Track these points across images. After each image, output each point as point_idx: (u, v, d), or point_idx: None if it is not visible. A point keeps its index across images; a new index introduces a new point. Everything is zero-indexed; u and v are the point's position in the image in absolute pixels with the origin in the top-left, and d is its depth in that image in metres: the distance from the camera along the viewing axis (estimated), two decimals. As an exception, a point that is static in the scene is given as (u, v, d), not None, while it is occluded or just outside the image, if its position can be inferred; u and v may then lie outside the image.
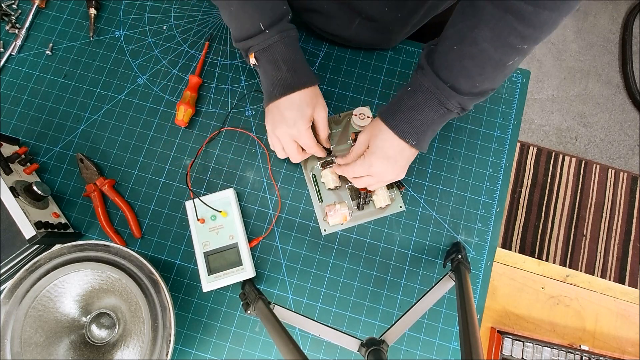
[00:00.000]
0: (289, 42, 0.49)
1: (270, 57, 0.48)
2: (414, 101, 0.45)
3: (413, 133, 0.46)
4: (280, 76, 0.49)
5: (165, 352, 0.44)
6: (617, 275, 1.37)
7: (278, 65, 0.48)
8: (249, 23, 0.47)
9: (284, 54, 0.48)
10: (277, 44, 0.48)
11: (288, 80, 0.49)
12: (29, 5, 0.63)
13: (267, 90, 0.50)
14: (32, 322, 0.44)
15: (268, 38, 0.47)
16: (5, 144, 0.54)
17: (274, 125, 0.51)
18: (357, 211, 0.56)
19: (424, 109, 0.45)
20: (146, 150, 0.58)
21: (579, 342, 0.60)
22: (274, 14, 0.47)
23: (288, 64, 0.49)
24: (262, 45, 0.48)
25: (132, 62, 0.62)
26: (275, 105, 0.50)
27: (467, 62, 0.41)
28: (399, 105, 0.46)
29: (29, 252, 0.49)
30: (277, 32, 0.47)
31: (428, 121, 0.45)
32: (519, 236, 1.39)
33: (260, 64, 0.49)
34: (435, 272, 0.55)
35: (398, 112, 0.46)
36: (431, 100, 0.44)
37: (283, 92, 0.48)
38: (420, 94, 0.45)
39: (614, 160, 1.48)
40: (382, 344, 0.39)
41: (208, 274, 0.51)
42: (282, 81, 0.49)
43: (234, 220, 0.54)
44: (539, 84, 1.56)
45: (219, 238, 0.53)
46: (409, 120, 0.45)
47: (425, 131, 0.46)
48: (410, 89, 0.46)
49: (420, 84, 0.45)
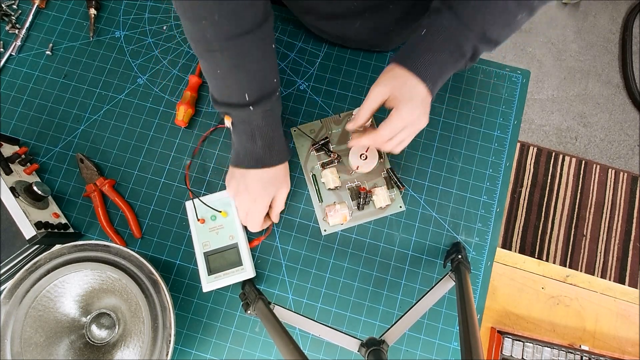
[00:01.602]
0: (271, 119, 0.47)
1: (248, 129, 0.47)
2: (432, 43, 0.43)
3: (430, 76, 0.44)
4: (254, 149, 0.48)
5: (165, 352, 0.44)
6: (617, 275, 1.37)
7: (254, 138, 0.47)
8: (234, 92, 0.45)
9: (263, 130, 0.47)
10: (258, 119, 0.46)
11: (261, 155, 0.48)
12: (29, 5, 0.63)
13: (237, 155, 0.50)
14: (32, 322, 0.44)
15: (251, 114, 0.46)
16: (6, 144, 0.54)
17: (236, 192, 0.51)
18: (357, 211, 0.56)
19: (441, 52, 0.43)
20: (146, 151, 0.58)
21: (579, 342, 0.60)
22: (263, 89, 0.45)
23: (265, 139, 0.48)
24: (243, 118, 0.46)
25: (132, 63, 0.62)
26: (244, 173, 0.49)
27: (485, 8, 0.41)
28: (416, 50, 0.44)
29: (29, 252, 0.49)
30: (262, 110, 0.46)
31: (443, 65, 0.44)
32: (519, 236, 1.39)
33: (236, 132, 0.48)
34: (435, 272, 0.55)
35: (416, 57, 0.43)
36: (449, 42, 0.43)
37: (253, 165, 0.48)
38: (438, 36, 0.43)
39: (614, 160, 1.48)
40: (382, 344, 0.39)
41: (208, 274, 0.51)
42: (254, 154, 0.48)
43: (234, 221, 0.54)
44: (539, 84, 1.56)
45: (219, 238, 0.53)
46: (427, 63, 0.43)
47: (439, 77, 0.44)
48: (426, 31, 0.43)
49: (439, 24, 0.43)
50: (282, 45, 0.63)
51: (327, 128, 0.59)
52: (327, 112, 0.60)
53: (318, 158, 0.58)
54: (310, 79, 0.61)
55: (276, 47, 0.62)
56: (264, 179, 0.49)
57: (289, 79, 0.61)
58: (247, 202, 0.51)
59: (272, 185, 0.50)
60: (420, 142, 0.59)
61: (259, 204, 0.50)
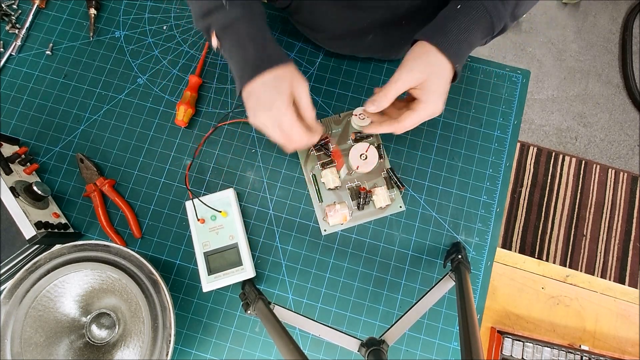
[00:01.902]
0: (253, 18, 0.43)
1: (234, 36, 0.43)
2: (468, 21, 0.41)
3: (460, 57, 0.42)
4: (248, 56, 0.43)
5: (165, 352, 0.44)
6: (617, 275, 1.37)
7: (243, 44, 0.43)
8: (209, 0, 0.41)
9: (249, 32, 0.43)
10: (239, 20, 0.42)
11: (257, 59, 0.42)
12: (29, 5, 0.63)
13: (237, 76, 0.44)
14: (32, 322, 0.44)
15: (229, 13, 0.42)
16: (6, 144, 0.54)
17: (253, 112, 0.44)
18: (357, 211, 0.56)
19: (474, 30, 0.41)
20: (146, 151, 0.58)
21: (579, 342, 0.60)
22: None
23: (255, 42, 0.43)
24: (223, 21, 0.42)
25: (132, 62, 0.62)
26: (249, 91, 0.43)
27: None
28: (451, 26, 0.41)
29: (29, 252, 0.49)
30: (240, 6, 0.42)
31: (472, 44, 0.42)
32: (519, 236, 1.39)
33: (224, 46, 0.44)
34: (436, 272, 0.55)
35: (450, 34, 0.41)
36: (484, 18, 0.41)
37: (254, 73, 0.42)
38: (474, 12, 0.41)
39: (614, 160, 1.48)
40: (382, 344, 0.39)
41: (208, 274, 0.51)
42: (250, 62, 0.43)
43: (234, 221, 0.54)
44: (539, 84, 1.56)
45: (219, 238, 0.53)
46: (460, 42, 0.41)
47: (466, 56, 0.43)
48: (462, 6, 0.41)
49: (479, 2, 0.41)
50: (282, 45, 0.63)
51: (327, 128, 0.59)
52: (327, 112, 0.60)
53: (318, 158, 0.58)
54: (311, 78, 0.61)
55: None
56: (269, 82, 0.43)
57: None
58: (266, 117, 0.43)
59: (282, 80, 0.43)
60: (420, 142, 0.59)
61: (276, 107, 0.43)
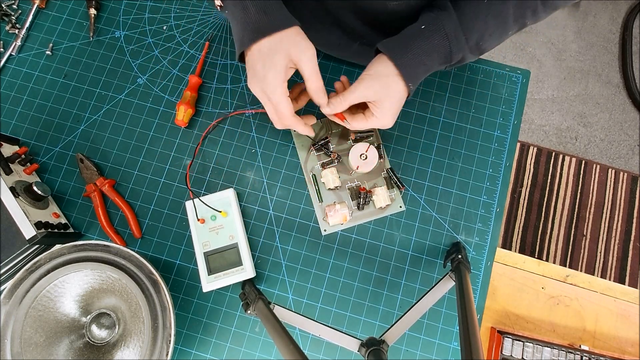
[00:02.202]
0: None
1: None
2: (429, 44, 0.42)
3: (415, 79, 0.43)
4: (249, 19, 0.40)
5: (165, 352, 0.44)
6: (617, 275, 1.37)
7: (245, 5, 0.40)
8: None
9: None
10: None
11: (257, 23, 0.40)
12: (29, 5, 0.63)
13: (237, 39, 0.42)
14: (32, 322, 0.44)
15: None
16: (5, 144, 0.54)
17: (249, 80, 0.43)
18: (357, 211, 0.56)
19: (433, 54, 0.42)
20: (146, 151, 0.58)
21: (579, 342, 0.60)
22: None
23: (257, 3, 0.40)
24: None
25: (132, 62, 0.62)
26: (248, 58, 0.42)
27: (489, 19, 0.41)
28: (412, 46, 0.42)
29: (29, 252, 0.49)
30: None
31: (429, 69, 0.43)
32: (519, 236, 1.39)
33: (226, 5, 0.42)
34: (436, 272, 0.55)
35: (409, 54, 0.42)
36: (444, 47, 0.42)
37: (252, 37, 0.40)
38: (437, 38, 0.42)
39: (614, 160, 1.48)
40: (382, 344, 0.39)
41: (208, 274, 0.51)
42: (250, 24, 0.40)
43: (234, 221, 0.54)
44: (539, 84, 1.56)
45: (219, 238, 0.53)
46: (418, 64, 0.42)
47: (421, 78, 0.44)
48: (426, 28, 0.42)
49: (440, 26, 0.42)
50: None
51: (327, 128, 0.59)
52: (327, 112, 0.60)
53: (318, 158, 0.58)
54: (310, 79, 0.61)
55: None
56: (263, 51, 0.40)
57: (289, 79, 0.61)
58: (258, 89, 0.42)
59: (277, 53, 0.40)
60: (420, 142, 0.59)
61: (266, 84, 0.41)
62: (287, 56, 0.41)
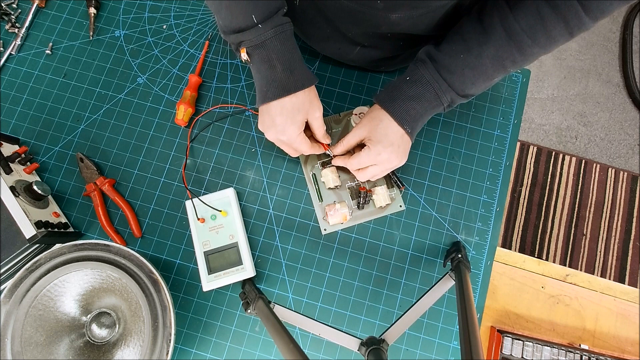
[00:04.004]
0: (284, 38, 0.45)
1: (264, 54, 0.45)
2: (413, 91, 0.47)
3: (410, 121, 0.48)
4: (275, 76, 0.46)
5: (165, 352, 0.44)
6: (617, 274, 1.37)
7: (272, 64, 0.45)
8: (240, 15, 0.43)
9: (279, 52, 0.45)
10: (271, 40, 0.44)
11: (283, 81, 0.46)
12: (28, 4, 0.63)
13: (260, 90, 0.47)
14: (32, 321, 0.44)
15: (262, 33, 0.43)
16: (5, 144, 0.54)
17: (264, 128, 0.49)
18: (357, 211, 0.56)
19: (421, 99, 0.47)
20: (146, 150, 0.58)
21: (578, 341, 0.60)
22: (268, 6, 0.44)
23: (283, 63, 0.45)
24: (255, 41, 0.44)
25: (132, 62, 0.62)
26: (267, 108, 0.47)
27: (467, 71, 0.46)
28: (398, 94, 0.48)
29: (29, 251, 0.49)
30: (272, 27, 0.44)
31: (422, 111, 0.48)
32: (519, 235, 1.39)
33: (253, 62, 0.46)
34: (435, 271, 0.55)
35: (397, 100, 0.47)
36: (429, 92, 0.47)
37: (277, 94, 0.46)
38: (420, 85, 0.47)
39: (614, 159, 1.48)
40: (382, 343, 0.39)
41: (208, 273, 0.51)
42: (276, 82, 0.46)
43: (234, 220, 0.54)
44: (539, 83, 1.56)
45: (219, 237, 0.53)
46: (407, 108, 0.47)
47: (418, 120, 0.48)
48: (410, 79, 0.47)
49: (421, 75, 0.47)
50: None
51: (327, 127, 0.59)
52: (327, 112, 0.60)
53: (318, 157, 0.58)
54: (310, 78, 0.61)
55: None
56: (287, 107, 0.47)
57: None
58: (276, 135, 0.49)
59: (298, 112, 0.48)
60: (420, 141, 0.59)
61: (288, 134, 0.48)
62: (305, 114, 0.48)
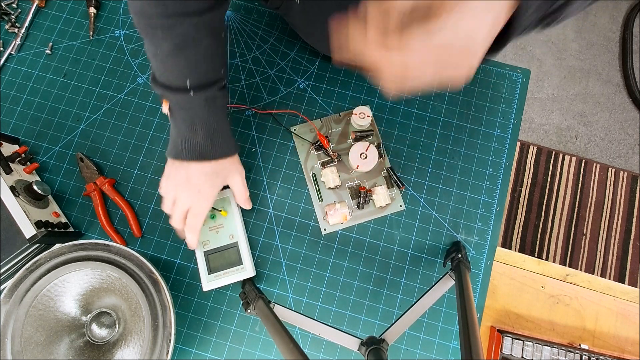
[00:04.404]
0: (213, 108, 0.43)
1: (188, 117, 0.43)
2: None
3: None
4: (195, 140, 0.43)
5: (165, 351, 0.44)
6: (617, 274, 1.37)
7: (195, 128, 0.43)
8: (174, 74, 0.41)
9: (205, 119, 0.43)
10: (199, 107, 0.42)
11: (202, 147, 0.44)
12: (28, 4, 0.63)
13: (175, 145, 0.45)
14: (32, 321, 0.44)
15: (191, 100, 0.42)
16: (5, 144, 0.54)
17: (176, 184, 0.46)
18: (357, 210, 0.56)
19: None
20: (146, 150, 0.58)
21: (578, 341, 0.60)
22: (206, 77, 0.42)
23: (206, 130, 0.43)
24: (182, 103, 0.42)
25: (132, 62, 0.62)
26: (182, 165, 0.45)
27: None
28: None
29: (29, 251, 0.49)
30: (204, 98, 0.42)
31: None
32: (519, 235, 1.39)
33: (173, 118, 0.44)
34: (435, 271, 0.55)
35: None
36: None
37: (193, 157, 0.44)
38: None
39: (614, 159, 1.48)
40: (382, 343, 0.39)
41: (208, 273, 0.51)
42: (195, 145, 0.44)
43: (234, 220, 0.54)
44: (539, 83, 1.56)
45: (219, 237, 0.53)
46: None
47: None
48: None
49: None
50: (282, 44, 0.63)
51: (327, 127, 0.59)
52: (327, 111, 0.60)
53: (318, 157, 0.58)
54: (310, 77, 0.61)
55: (274, 44, 0.62)
56: (206, 172, 0.45)
57: (289, 78, 0.61)
58: (190, 194, 0.46)
59: (218, 175, 0.46)
60: (420, 141, 0.59)
61: (203, 196, 0.46)
62: (225, 179, 0.48)
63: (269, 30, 0.63)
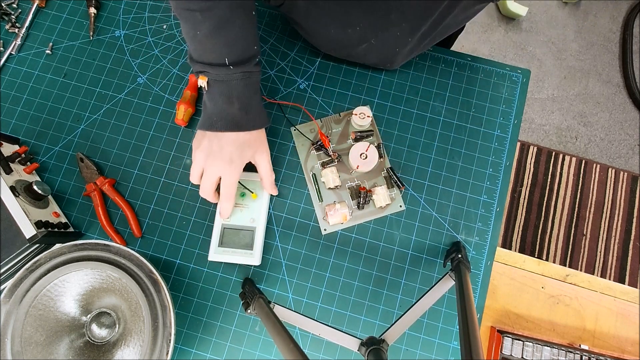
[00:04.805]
0: (249, 82, 0.46)
1: (225, 90, 0.46)
2: None
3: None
4: (230, 111, 0.46)
5: (165, 352, 0.44)
6: (617, 274, 1.37)
7: (231, 100, 0.46)
8: (213, 53, 0.44)
9: (241, 92, 0.46)
10: (237, 81, 0.45)
11: (237, 118, 0.46)
12: (29, 4, 0.63)
13: (209, 117, 0.47)
14: (32, 321, 0.44)
15: (230, 74, 0.44)
16: (6, 144, 0.54)
17: (208, 153, 0.48)
18: (357, 211, 0.56)
19: None
20: (146, 150, 0.58)
21: (578, 341, 0.60)
22: (243, 54, 0.45)
23: (242, 102, 0.46)
24: (221, 77, 0.45)
25: (132, 62, 0.62)
26: (217, 135, 0.47)
27: None
28: None
29: (29, 251, 0.49)
30: (241, 71, 0.45)
31: None
32: (519, 236, 1.39)
33: (210, 92, 0.47)
34: (435, 271, 0.55)
35: None
36: None
37: (227, 127, 0.46)
38: None
39: (614, 159, 1.48)
40: (382, 343, 0.39)
41: (218, 245, 0.52)
42: (230, 116, 0.46)
43: (260, 205, 0.54)
44: (539, 83, 1.56)
45: (241, 217, 0.53)
46: None
47: None
48: None
49: None
50: (282, 44, 0.63)
51: (327, 127, 0.59)
52: (327, 111, 0.60)
53: (318, 157, 0.58)
54: (311, 78, 0.61)
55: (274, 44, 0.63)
56: (240, 140, 0.47)
57: (289, 78, 0.61)
58: (222, 164, 0.48)
59: (250, 147, 0.48)
60: (420, 141, 0.59)
61: (234, 166, 0.48)
62: (254, 153, 0.49)
63: (269, 30, 0.63)
